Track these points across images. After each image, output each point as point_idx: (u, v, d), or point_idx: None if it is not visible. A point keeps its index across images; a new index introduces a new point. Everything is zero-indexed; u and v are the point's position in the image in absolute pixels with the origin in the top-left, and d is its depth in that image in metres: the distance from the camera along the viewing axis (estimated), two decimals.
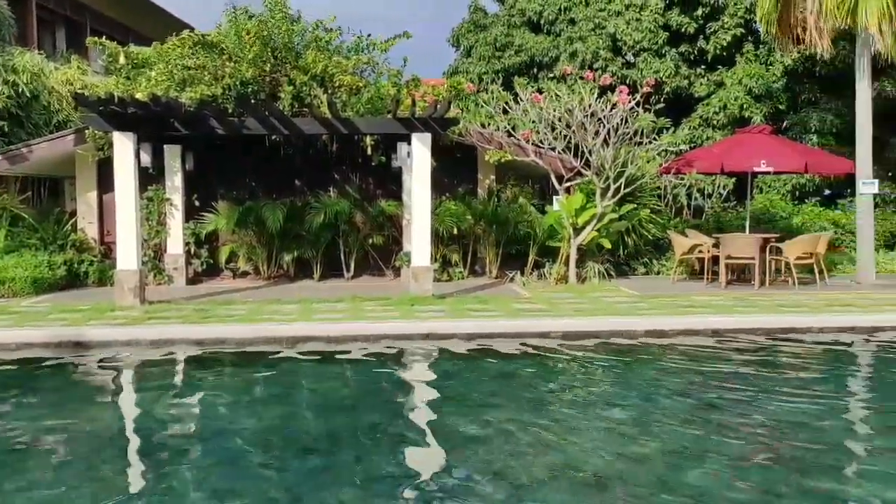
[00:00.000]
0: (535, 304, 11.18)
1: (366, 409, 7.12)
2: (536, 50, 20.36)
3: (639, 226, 14.65)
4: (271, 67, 12.96)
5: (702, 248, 13.71)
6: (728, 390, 7.57)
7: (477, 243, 14.46)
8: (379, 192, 14.53)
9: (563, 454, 5.88)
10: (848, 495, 5.17)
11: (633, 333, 9.69)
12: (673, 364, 8.64)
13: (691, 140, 18.28)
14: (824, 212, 17.06)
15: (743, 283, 13.52)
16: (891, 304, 11.16)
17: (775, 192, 18.15)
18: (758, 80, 18.06)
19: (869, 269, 13.67)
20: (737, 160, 13.43)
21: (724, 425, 6.50)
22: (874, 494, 5.15)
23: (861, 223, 13.84)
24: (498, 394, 7.54)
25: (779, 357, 9.02)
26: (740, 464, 5.64)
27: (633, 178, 13.91)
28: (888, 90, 17.26)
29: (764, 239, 13.27)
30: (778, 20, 14.10)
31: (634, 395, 7.48)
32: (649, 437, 6.20)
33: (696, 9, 18.65)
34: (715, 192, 17.66)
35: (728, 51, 18.74)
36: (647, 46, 18.78)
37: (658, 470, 5.54)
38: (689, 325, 9.91)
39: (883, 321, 10.09)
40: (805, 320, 10.10)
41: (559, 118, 13.49)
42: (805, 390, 7.62)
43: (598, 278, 13.69)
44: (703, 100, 18.94)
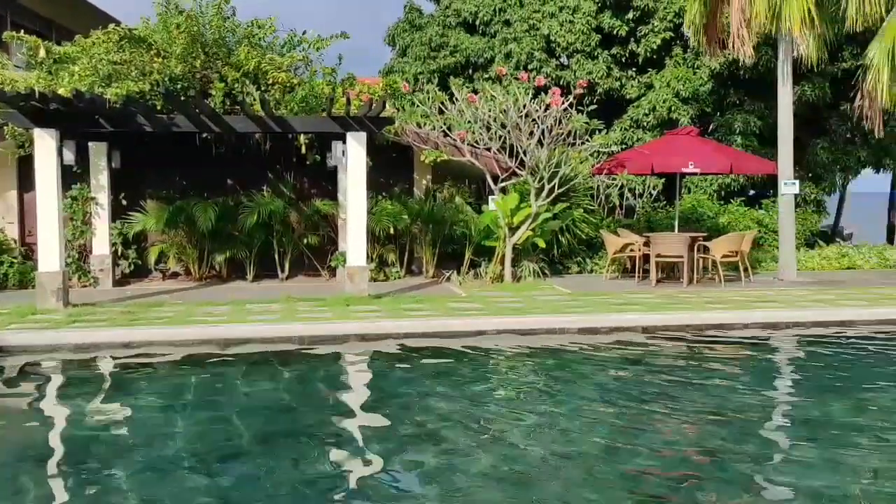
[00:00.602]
0: (472, 304, 11.24)
1: (299, 412, 7.03)
2: (472, 50, 20.46)
3: (573, 225, 14.89)
4: (202, 63, 12.67)
5: (633, 246, 14.02)
6: (657, 386, 7.76)
7: (413, 243, 14.46)
8: (314, 191, 14.37)
9: (498, 451, 5.93)
10: (768, 485, 5.35)
11: (567, 331, 9.84)
12: (605, 361, 8.81)
13: (623, 141, 18.65)
14: (749, 211, 17.64)
15: (672, 280, 13.88)
16: (810, 300, 11.62)
17: (703, 192, 18.67)
18: (685, 84, 18.56)
19: (790, 267, 14.21)
20: (666, 161, 13.78)
21: (652, 419, 6.66)
22: (792, 483, 5.36)
23: (783, 222, 14.38)
24: (434, 393, 7.55)
25: (706, 353, 9.30)
26: (667, 456, 5.78)
27: (567, 179, 14.12)
28: (808, 94, 17.95)
29: (692, 238, 13.65)
30: (705, 26, 14.54)
31: (567, 392, 7.60)
32: (581, 433, 6.30)
33: (627, 12, 19.03)
34: (646, 192, 18.06)
35: (658, 54, 19.19)
36: (580, 48, 19.07)
37: (590, 464, 5.64)
38: (621, 322, 10.12)
39: (803, 317, 10.51)
40: (731, 317, 10.44)
41: (494, 118, 13.61)
42: (730, 385, 7.88)
43: (534, 277, 13.85)
44: (634, 101, 19.34)
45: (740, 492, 5.14)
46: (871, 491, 5.13)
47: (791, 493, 5.22)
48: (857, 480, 5.31)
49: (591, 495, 5.11)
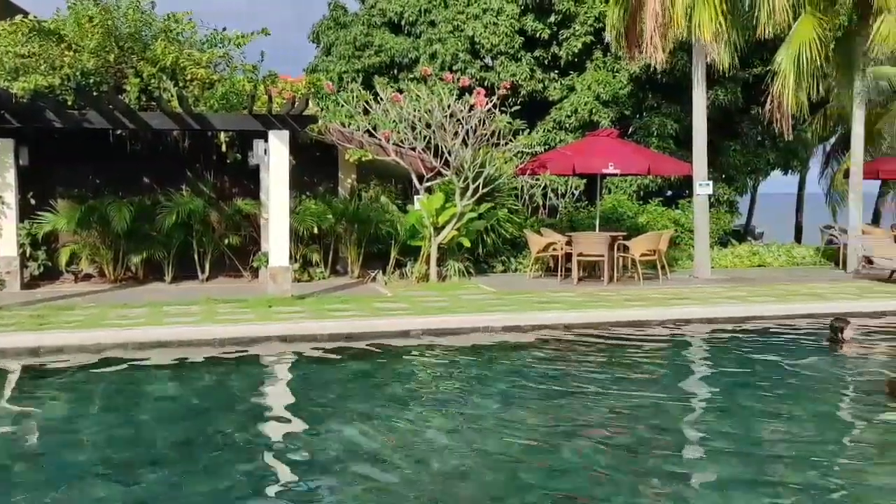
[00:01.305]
0: (397, 303, 11.21)
1: (217, 416, 6.86)
2: (397, 50, 20.43)
3: (497, 225, 15.04)
4: (116, 58, 12.24)
5: (556, 246, 14.26)
6: (579, 381, 7.92)
7: (338, 243, 14.33)
8: (235, 190, 14.06)
9: (423, 450, 5.93)
10: (684, 475, 5.53)
11: (492, 329, 9.92)
12: (529, 358, 8.93)
13: (546, 142, 18.94)
14: (666, 211, 18.20)
15: (594, 279, 14.19)
16: (724, 297, 12.07)
17: (623, 192, 19.15)
18: (606, 87, 18.99)
19: (705, 265, 14.72)
20: (587, 162, 14.08)
21: (574, 414, 6.79)
22: (705, 473, 5.56)
23: (698, 222, 14.88)
24: (358, 394, 7.50)
25: (625, 348, 9.52)
26: (588, 450, 5.90)
27: (492, 179, 14.25)
28: (721, 98, 18.64)
29: (612, 237, 13.98)
30: (624, 31, 14.91)
31: (492, 390, 7.66)
32: (505, 430, 6.36)
33: (549, 16, 19.33)
34: (568, 192, 18.39)
35: (579, 57, 19.57)
36: (504, 50, 19.28)
37: (511, 462, 5.70)
38: (544, 320, 10.27)
39: (717, 313, 10.90)
40: (649, 314, 10.75)
41: (419, 118, 13.61)
42: (647, 379, 8.11)
43: (459, 276, 13.93)
44: (557, 103, 19.68)
45: (659, 484, 5.29)
46: (780, 479, 5.36)
47: (704, 483, 5.40)
48: (766, 469, 5.55)
49: (513, 492, 5.17)
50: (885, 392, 7.21)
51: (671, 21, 13.85)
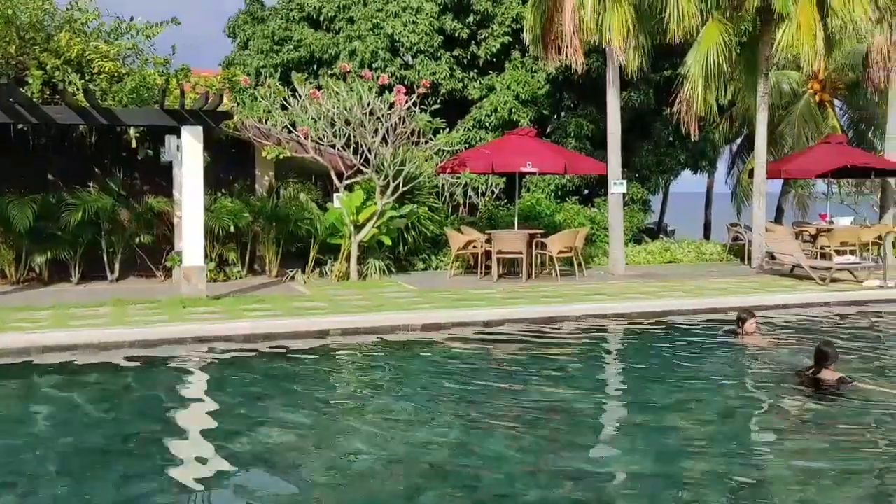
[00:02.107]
0: (316, 302, 11.09)
1: (128, 421, 6.63)
2: (316, 46, 20.18)
3: (418, 223, 15.07)
4: (17, 49, 11.66)
5: (476, 243, 14.39)
6: (497, 377, 8.02)
7: (256, 241, 14.06)
8: (147, 187, 13.62)
9: (341, 451, 5.89)
10: (599, 468, 5.68)
11: (412, 327, 9.92)
12: (448, 356, 8.98)
13: (466, 141, 19.08)
14: (583, 209, 18.61)
15: (513, 276, 14.39)
16: (637, 292, 12.44)
17: (541, 191, 19.49)
18: (524, 87, 19.29)
19: (620, 262, 15.14)
20: (506, 161, 14.27)
21: (493, 410, 6.87)
22: (620, 466, 5.72)
23: (612, 220, 15.29)
24: (276, 395, 7.38)
25: (542, 344, 9.68)
26: (506, 446, 5.99)
27: (412, 177, 14.27)
28: (635, 100, 19.20)
29: (530, 235, 14.22)
30: (541, 33, 15.17)
31: (411, 388, 7.68)
32: (424, 428, 6.39)
33: (468, 15, 19.49)
34: (488, 190, 18.61)
35: (498, 57, 19.81)
36: (423, 49, 19.32)
37: (434, 458, 5.73)
38: (464, 317, 10.34)
39: (630, 308, 11.22)
40: (565, 309, 10.97)
41: (339, 115, 13.49)
42: (563, 373, 8.28)
43: (379, 275, 13.89)
44: (477, 102, 19.86)
45: (574, 478, 5.41)
46: (691, 469, 5.57)
47: (618, 477, 5.56)
48: (678, 459, 5.75)
49: (432, 489, 5.19)
50: (797, 381, 7.52)
51: (583, 26, 14.17)
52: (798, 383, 7.48)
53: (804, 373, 7.48)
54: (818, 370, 7.27)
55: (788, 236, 15.91)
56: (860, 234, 16.51)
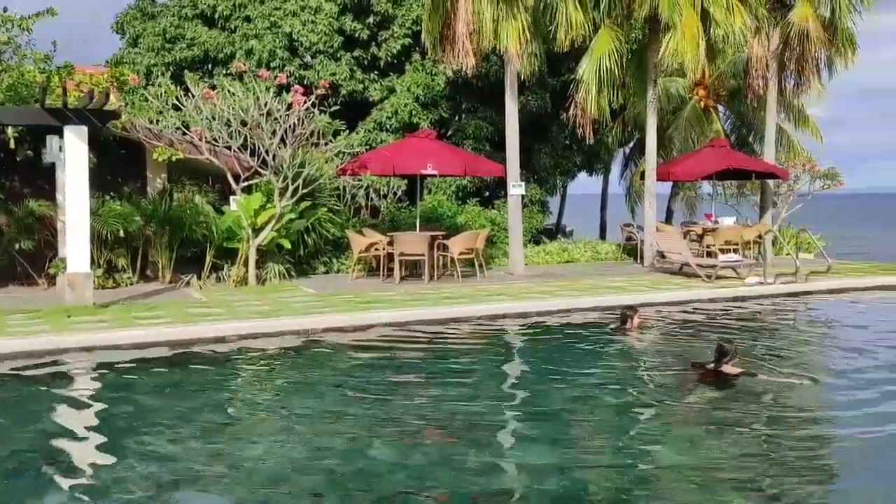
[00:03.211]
0: (212, 308, 10.77)
1: (7, 438, 6.24)
2: (210, 45, 19.60)
3: (318, 225, 14.88)
4: None
5: (378, 246, 14.35)
6: (399, 379, 8.02)
7: (148, 246, 13.53)
8: (28, 190, 12.87)
9: (239, 458, 5.74)
10: (500, 466, 5.77)
11: (313, 332, 9.80)
12: (350, 359, 8.91)
13: (367, 142, 18.99)
14: (483, 211, 18.87)
15: (415, 277, 14.43)
16: (535, 292, 12.72)
17: (442, 193, 19.64)
18: (424, 89, 19.38)
19: (519, 262, 15.43)
20: (406, 163, 14.30)
21: (394, 413, 6.86)
22: (519, 460, 5.83)
23: (512, 221, 15.56)
24: (168, 405, 7.12)
25: (443, 345, 9.77)
26: (408, 448, 5.99)
27: (312, 179, 14.08)
28: (532, 104, 19.63)
29: (432, 236, 14.30)
30: (440, 37, 15.27)
31: (312, 393, 7.57)
32: (325, 433, 6.31)
33: (368, 16, 19.40)
34: (390, 192, 18.58)
35: (399, 59, 19.81)
36: (323, 49, 19.09)
37: (335, 463, 5.67)
38: (366, 320, 10.30)
39: (529, 307, 11.46)
40: (466, 310, 11.10)
41: (234, 116, 13.16)
42: (463, 373, 8.37)
43: (279, 279, 13.63)
44: (378, 104, 19.79)
45: (475, 476, 5.47)
46: (589, 463, 5.74)
47: (519, 472, 5.66)
48: (573, 456, 5.91)
49: (332, 494, 5.14)
50: (697, 375, 7.82)
51: (479, 31, 14.37)
52: (698, 377, 7.77)
53: (705, 367, 7.76)
54: (719, 364, 7.59)
55: (677, 236, 16.64)
56: (742, 234, 17.46)
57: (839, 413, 6.96)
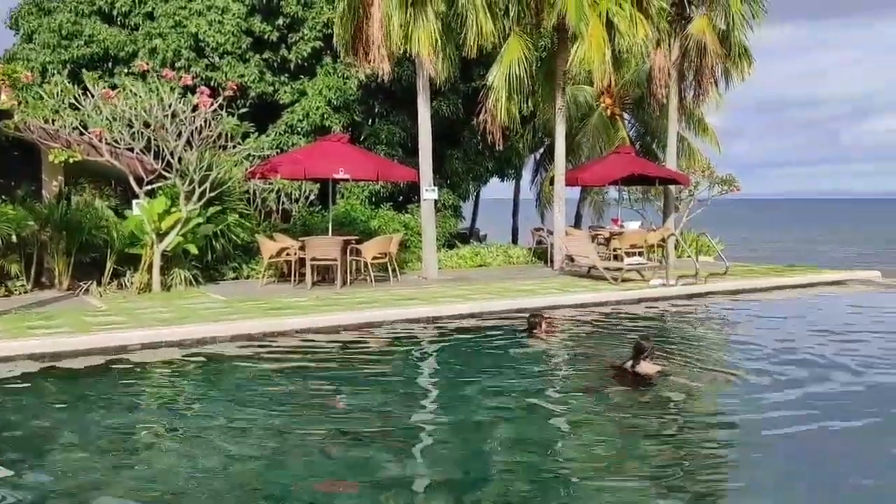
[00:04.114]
0: (113, 316, 10.34)
1: None
2: (111, 42, 18.88)
3: (227, 230, 14.53)
4: None
5: (289, 251, 14.12)
6: (308, 387, 7.89)
7: (44, 252, 12.87)
8: None
9: (143, 472, 5.52)
10: (413, 472, 5.76)
11: (220, 339, 9.54)
12: (258, 367, 8.71)
13: (278, 145, 18.71)
14: (397, 216, 18.88)
15: (328, 283, 14.27)
16: (448, 295, 12.78)
17: (356, 197, 19.54)
18: (337, 92, 19.24)
19: (433, 266, 15.49)
20: (318, 167, 14.15)
21: (303, 422, 6.75)
22: (430, 465, 5.84)
23: (425, 226, 15.62)
24: (66, 419, 6.78)
25: (356, 350, 9.69)
26: (318, 457, 5.91)
27: (220, 182, 13.73)
28: (444, 109, 19.78)
29: (345, 241, 14.18)
30: (351, 40, 15.19)
31: (218, 403, 7.36)
32: (233, 444, 6.15)
33: (277, 18, 19.12)
34: (302, 196, 18.35)
35: (309, 61, 19.60)
36: (230, 50, 18.69)
37: (245, 474, 5.52)
38: (276, 326, 10.10)
39: (441, 311, 11.50)
40: (379, 314, 11.04)
41: (137, 116, 12.69)
42: (376, 378, 8.32)
43: (185, 285, 13.22)
44: (289, 107, 19.52)
45: (388, 484, 5.44)
46: (498, 466, 5.80)
47: (429, 477, 5.67)
48: (486, 459, 5.96)
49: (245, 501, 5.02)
50: (613, 374, 7.99)
51: (391, 35, 14.38)
52: (614, 376, 7.95)
53: (622, 366, 7.95)
54: (637, 363, 7.77)
55: (585, 240, 17.09)
56: (647, 237, 18.09)
57: (743, 410, 7.22)
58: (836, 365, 8.51)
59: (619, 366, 8.02)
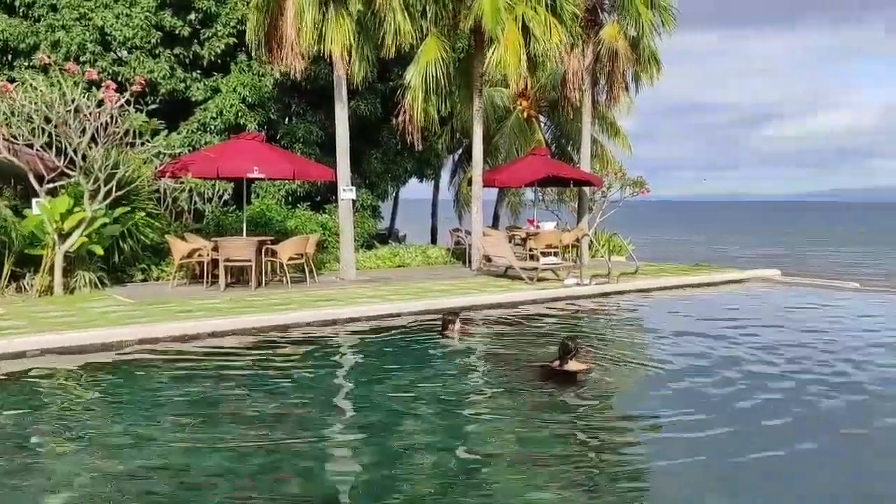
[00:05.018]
0: (11, 321, 9.85)
1: None
2: (10, 34, 17.91)
3: (135, 230, 14.04)
4: None
5: (201, 251, 13.75)
6: (220, 391, 7.72)
7: None
8: None
9: (46, 484, 5.27)
10: (325, 475, 5.70)
11: (126, 343, 9.21)
12: (168, 371, 8.45)
13: (190, 144, 18.18)
14: (314, 216, 18.64)
15: (242, 284, 13.97)
16: (366, 296, 12.72)
17: (271, 196, 19.19)
18: (251, 90, 18.84)
19: (351, 267, 15.38)
20: (232, 166, 13.83)
21: (215, 427, 6.59)
22: (346, 464, 5.80)
23: (343, 226, 15.48)
24: None
25: (270, 353, 9.50)
26: (230, 461, 5.77)
27: (128, 181, 13.26)
28: (362, 109, 19.65)
29: (260, 241, 13.91)
30: (265, 38, 14.90)
31: (125, 409, 7.11)
32: (139, 453, 5.94)
33: (189, 13, 18.57)
34: (215, 196, 17.91)
35: (223, 58, 19.12)
36: (139, 45, 18.04)
37: (155, 483, 5.35)
38: (188, 329, 9.83)
39: (360, 312, 11.44)
40: (295, 316, 10.88)
41: (37, 112, 12.11)
42: (290, 381, 8.20)
43: (91, 287, 12.70)
44: (201, 104, 19.00)
45: (300, 485, 5.37)
46: (414, 466, 5.80)
47: (343, 476, 5.63)
48: (403, 459, 5.96)
49: None
50: (539, 373, 8.08)
51: (303, 34, 14.20)
52: (540, 375, 8.05)
53: (549, 364, 8.05)
54: (564, 362, 7.90)
55: (502, 240, 17.29)
56: (562, 238, 18.46)
57: (657, 405, 7.43)
58: (736, 358, 8.90)
59: (547, 364, 8.15)
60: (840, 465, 5.86)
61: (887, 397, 7.54)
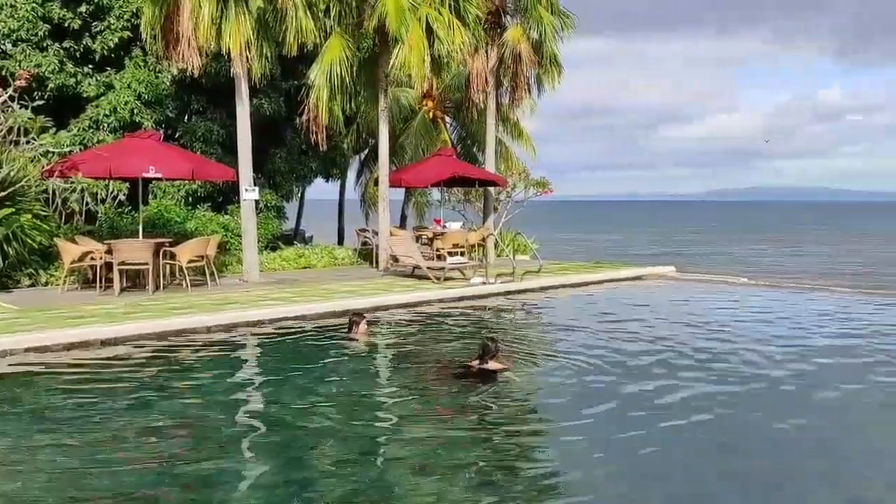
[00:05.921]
0: None
1: None
2: None
3: (21, 233, 13.28)
4: None
5: (94, 254, 13.16)
6: (115, 400, 7.41)
7: None
8: None
9: None
10: (231, 481, 5.56)
11: (13, 353, 8.72)
12: (59, 381, 8.04)
13: (81, 142, 17.32)
14: (216, 216, 18.13)
15: (140, 288, 13.45)
16: (270, 299, 12.48)
17: (170, 197, 18.53)
18: (147, 87, 18.13)
19: (254, 269, 15.05)
20: (126, 165, 13.29)
21: (109, 437, 6.31)
22: (248, 471, 5.68)
23: (246, 227, 15.14)
24: None
25: (170, 358, 9.19)
26: (122, 472, 5.55)
27: (12, 181, 12.55)
28: (265, 107, 19.23)
29: (157, 244, 13.42)
30: (162, 32, 14.37)
31: (12, 423, 6.71)
32: (24, 467, 5.63)
33: (79, 5, 17.69)
34: (109, 196, 17.16)
35: (117, 53, 18.30)
36: (25, 37, 17.08)
37: (45, 497, 5.08)
38: (78, 336, 9.38)
39: (263, 315, 11.22)
40: (195, 320, 10.56)
41: None
42: (191, 388, 7.95)
43: None
44: (94, 101, 18.15)
45: (200, 494, 5.22)
46: (317, 468, 5.72)
47: (244, 484, 5.50)
48: (307, 462, 5.88)
49: None
50: (459, 373, 8.09)
51: (200, 30, 13.79)
52: (459, 374, 8.09)
53: (469, 364, 8.10)
54: (484, 361, 7.96)
55: (409, 240, 17.32)
56: (468, 237, 18.67)
57: (568, 401, 7.60)
58: (637, 352, 9.24)
59: (466, 363, 8.21)
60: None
61: (766, 378, 7.99)
